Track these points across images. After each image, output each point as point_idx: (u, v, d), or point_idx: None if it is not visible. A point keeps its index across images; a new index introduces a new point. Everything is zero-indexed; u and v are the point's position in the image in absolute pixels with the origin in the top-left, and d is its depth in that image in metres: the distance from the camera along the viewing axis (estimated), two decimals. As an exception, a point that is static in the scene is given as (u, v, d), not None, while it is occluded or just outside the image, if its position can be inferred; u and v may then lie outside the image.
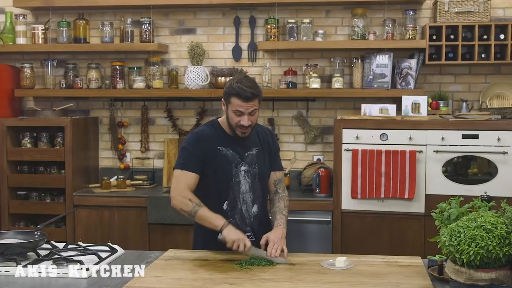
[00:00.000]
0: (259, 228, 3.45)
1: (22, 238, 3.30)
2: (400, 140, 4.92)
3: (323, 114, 5.64)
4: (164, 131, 5.86)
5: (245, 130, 3.33)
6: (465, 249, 2.44)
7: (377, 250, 4.64)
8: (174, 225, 5.18)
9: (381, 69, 5.34)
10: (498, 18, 5.35)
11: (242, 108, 3.26)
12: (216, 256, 3.26)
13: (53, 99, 5.89)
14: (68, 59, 5.88)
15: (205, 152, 3.35)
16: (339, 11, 5.57)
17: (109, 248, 3.38)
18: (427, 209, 4.87)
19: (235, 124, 3.32)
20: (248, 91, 3.23)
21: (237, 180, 3.41)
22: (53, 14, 5.74)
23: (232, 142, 3.42)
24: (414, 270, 3.03)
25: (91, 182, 5.70)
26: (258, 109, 3.36)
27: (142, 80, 5.62)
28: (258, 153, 3.46)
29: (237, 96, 3.25)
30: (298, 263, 3.15)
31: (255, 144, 3.47)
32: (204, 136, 3.39)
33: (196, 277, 2.91)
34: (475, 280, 2.45)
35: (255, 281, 2.85)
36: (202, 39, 5.70)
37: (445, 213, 2.83)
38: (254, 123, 3.37)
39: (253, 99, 3.26)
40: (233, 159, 3.40)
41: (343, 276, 2.93)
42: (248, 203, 3.43)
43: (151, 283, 2.83)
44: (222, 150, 3.38)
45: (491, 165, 4.84)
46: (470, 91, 5.50)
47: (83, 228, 5.31)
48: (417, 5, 5.42)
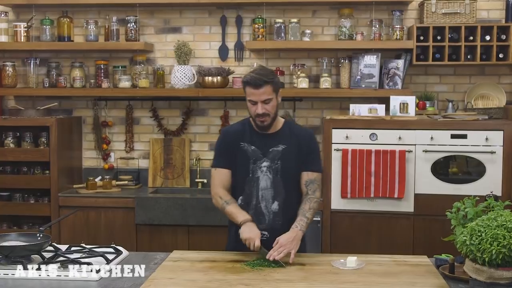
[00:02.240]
0: (282, 226, 3.38)
1: (25, 241, 3.24)
2: (389, 140, 4.96)
3: (310, 114, 5.65)
4: (149, 131, 5.80)
5: (263, 119, 3.33)
6: (486, 248, 2.46)
7: (366, 249, 4.66)
8: (162, 225, 5.15)
9: (369, 69, 5.37)
10: (483, 19, 5.43)
11: (254, 96, 3.29)
12: (224, 257, 3.25)
13: (35, 98, 5.78)
14: (50, 58, 5.78)
15: (229, 148, 3.45)
16: (325, 11, 5.59)
17: (114, 249, 3.33)
18: (416, 209, 4.94)
19: (253, 114, 3.34)
20: (257, 78, 3.27)
21: (255, 176, 3.40)
22: (35, 12, 5.63)
23: (258, 138, 3.42)
24: (424, 269, 3.05)
25: (74, 182, 5.60)
26: (276, 99, 3.36)
27: (128, 79, 5.55)
28: (285, 150, 3.42)
29: (248, 84, 3.31)
30: (309, 263, 3.15)
31: (284, 141, 3.43)
32: (229, 133, 3.52)
33: (209, 278, 2.89)
34: (496, 279, 2.48)
35: (270, 282, 2.84)
36: (188, 38, 5.66)
37: (460, 212, 2.84)
38: (271, 112, 3.34)
39: (263, 85, 3.27)
40: (253, 155, 3.40)
41: (357, 276, 2.94)
42: (268, 199, 3.41)
43: (166, 285, 2.80)
44: (244, 146, 3.42)
45: (479, 165, 4.91)
46: (455, 91, 5.57)
47: (68, 229, 5.22)
48: (403, 6, 5.47)
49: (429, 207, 4.91)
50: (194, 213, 5.09)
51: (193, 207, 5.10)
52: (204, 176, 5.68)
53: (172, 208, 5.11)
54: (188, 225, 5.12)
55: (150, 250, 4.42)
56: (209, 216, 5.06)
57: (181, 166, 5.72)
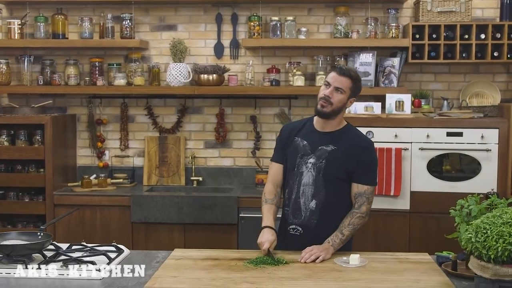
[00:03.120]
0: (317, 226, 3.35)
1: (26, 239, 3.22)
2: (385, 138, 4.98)
3: (305, 112, 5.64)
4: (144, 129, 5.78)
5: (325, 103, 3.32)
6: (492, 245, 2.47)
7: (362, 247, 4.59)
8: (158, 223, 5.14)
9: (365, 67, 5.38)
10: (477, 18, 5.46)
11: (332, 79, 3.33)
12: (227, 255, 3.24)
13: (29, 96, 5.75)
14: (45, 55, 5.74)
15: (284, 142, 3.50)
16: (321, 9, 5.60)
17: (115, 248, 3.32)
18: (412, 206, 4.96)
19: (320, 95, 3.35)
20: (346, 69, 3.37)
21: (299, 170, 3.39)
22: (30, 9, 5.60)
23: (312, 134, 3.43)
24: (427, 267, 3.06)
25: (69, 180, 5.58)
26: (347, 99, 3.36)
27: (123, 77, 5.53)
28: (333, 151, 3.36)
29: (335, 69, 3.39)
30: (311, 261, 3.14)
31: (336, 143, 3.38)
32: (287, 127, 3.59)
33: (214, 276, 2.88)
34: (501, 276, 2.49)
35: (274, 280, 2.84)
36: (183, 35, 5.65)
37: (464, 210, 2.85)
38: (335, 103, 3.31)
39: (346, 76, 3.32)
40: (302, 150, 3.41)
41: (360, 274, 2.94)
42: (307, 196, 3.37)
43: (171, 283, 2.79)
44: (297, 140, 3.45)
45: (475, 162, 4.93)
46: (450, 89, 5.60)
47: (63, 227, 5.19)
48: (399, 4, 5.48)
49: (425, 205, 4.93)
50: (190, 211, 5.09)
51: (189, 205, 5.09)
52: (199, 174, 5.68)
53: (168, 206, 5.10)
54: (184, 223, 5.11)
55: (146, 249, 4.40)
56: (205, 214, 5.07)
57: (176, 164, 5.71)
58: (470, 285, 2.76)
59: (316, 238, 3.29)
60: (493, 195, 2.91)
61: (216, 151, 5.76)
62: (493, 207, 2.80)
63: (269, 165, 3.62)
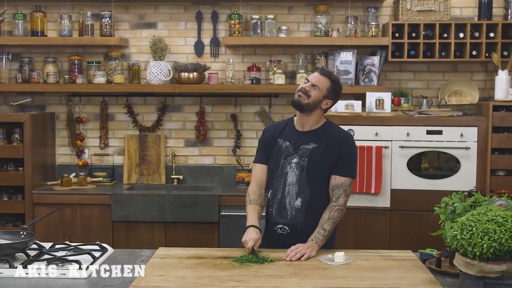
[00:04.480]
0: (303, 224, 3.38)
1: (9, 239, 3.17)
2: (366, 136, 5.01)
3: (286, 110, 5.65)
4: (124, 127, 5.76)
5: (301, 95, 3.38)
6: (477, 242, 2.49)
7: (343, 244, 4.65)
8: (138, 222, 5.12)
9: (345, 66, 5.41)
10: (456, 17, 5.51)
11: (311, 77, 3.45)
12: (212, 254, 3.23)
13: (7, 94, 5.68)
14: (23, 53, 5.69)
15: (267, 144, 3.54)
16: (301, 7, 5.61)
17: (99, 247, 3.30)
18: (393, 204, 5.00)
19: (298, 88, 3.43)
20: (327, 70, 3.51)
21: (284, 171, 3.43)
22: (8, 6, 5.53)
23: (294, 135, 3.46)
24: (411, 264, 3.08)
25: (48, 179, 5.53)
26: (323, 97, 3.41)
27: (102, 75, 5.50)
28: (314, 149, 3.40)
29: (318, 69, 3.55)
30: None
31: (316, 140, 3.42)
32: (269, 128, 3.62)
33: (199, 275, 2.87)
34: (486, 272, 2.51)
35: (261, 278, 2.84)
36: (163, 33, 5.63)
37: (448, 207, 2.88)
38: (312, 97, 3.37)
39: (325, 76, 3.41)
40: (285, 151, 3.44)
41: (346, 271, 2.95)
42: (292, 195, 3.41)
43: (157, 282, 2.78)
44: (279, 141, 3.48)
45: (454, 160, 4.98)
46: (429, 88, 5.65)
47: (43, 226, 5.13)
48: (378, 2, 5.52)
49: (405, 203, 4.98)
50: (171, 210, 5.07)
51: (170, 203, 5.08)
52: (179, 172, 5.67)
53: (148, 205, 5.08)
54: (165, 221, 5.10)
55: (127, 247, 4.39)
56: (186, 212, 5.06)
57: (157, 163, 5.69)
58: (454, 282, 2.79)
59: (303, 236, 3.31)
60: (477, 193, 2.94)
61: (196, 149, 5.75)
62: (477, 205, 2.83)
63: (252, 166, 3.64)
